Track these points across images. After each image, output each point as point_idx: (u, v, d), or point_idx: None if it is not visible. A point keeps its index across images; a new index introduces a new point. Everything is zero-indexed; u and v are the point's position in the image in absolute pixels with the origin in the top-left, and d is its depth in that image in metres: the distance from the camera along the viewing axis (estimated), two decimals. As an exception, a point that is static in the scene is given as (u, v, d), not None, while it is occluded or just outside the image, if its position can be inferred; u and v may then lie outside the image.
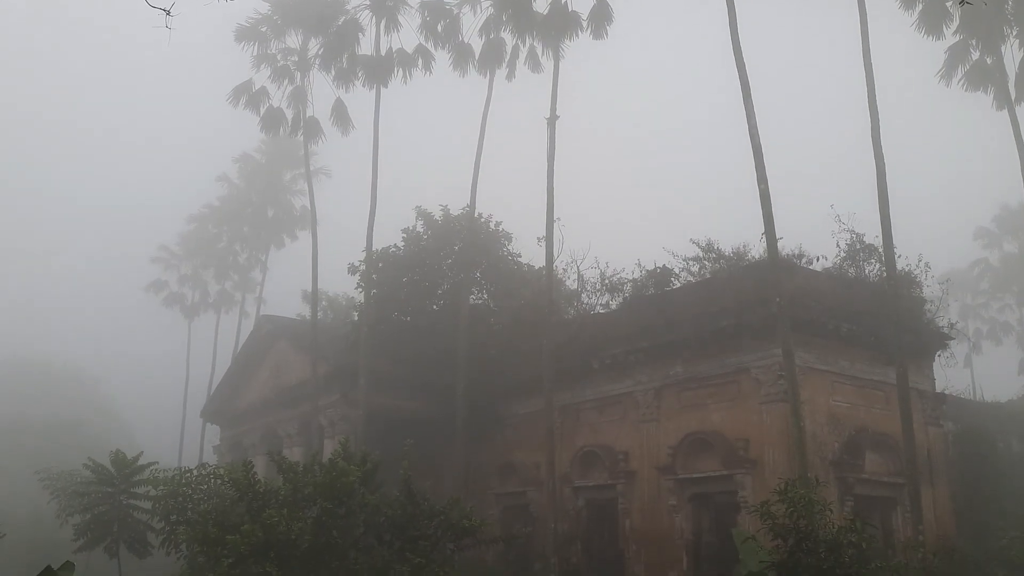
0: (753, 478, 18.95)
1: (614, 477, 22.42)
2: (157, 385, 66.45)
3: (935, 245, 28.57)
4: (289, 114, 30.49)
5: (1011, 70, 24.57)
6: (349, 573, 13.79)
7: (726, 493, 19.78)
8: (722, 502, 20.21)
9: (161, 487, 22.73)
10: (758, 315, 19.22)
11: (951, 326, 22.48)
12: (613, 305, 24.77)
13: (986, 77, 24.84)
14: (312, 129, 30.56)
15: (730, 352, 20.14)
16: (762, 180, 18.57)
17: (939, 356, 22.25)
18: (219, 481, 21.49)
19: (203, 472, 23.02)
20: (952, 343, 22.61)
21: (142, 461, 24.92)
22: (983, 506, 22.48)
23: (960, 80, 25.10)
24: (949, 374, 23.27)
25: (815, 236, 22.30)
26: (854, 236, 21.40)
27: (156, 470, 24.46)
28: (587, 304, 25.78)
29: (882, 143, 19.65)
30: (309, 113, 30.35)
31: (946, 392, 23.00)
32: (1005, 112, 24.21)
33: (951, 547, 17.90)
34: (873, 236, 20.63)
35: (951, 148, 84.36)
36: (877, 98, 19.95)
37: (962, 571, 18.65)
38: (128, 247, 76.62)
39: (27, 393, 61.22)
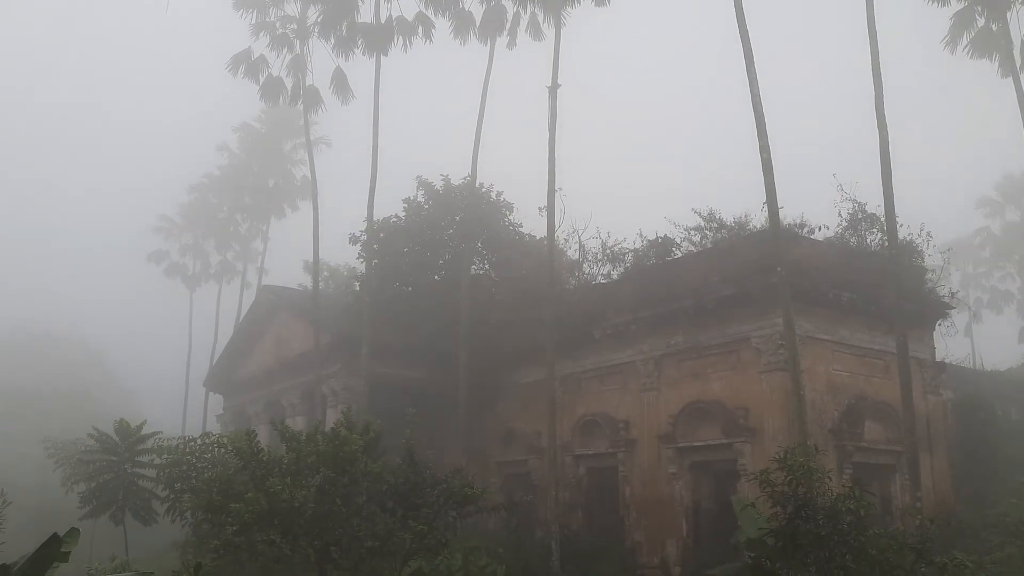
0: (753, 446, 19.08)
1: (615, 445, 22.59)
2: (160, 355, 66.78)
3: (937, 214, 28.48)
4: (288, 83, 30.30)
5: (1016, 37, 24.35)
6: (352, 540, 13.93)
7: (726, 461, 19.94)
8: (722, 470, 20.38)
9: (165, 456, 22.96)
10: (759, 284, 19.24)
11: (952, 295, 22.50)
12: (615, 275, 24.77)
13: (991, 44, 24.63)
14: (312, 98, 30.37)
15: (731, 321, 20.18)
16: (764, 149, 18.49)
17: (939, 325, 22.30)
18: (223, 450, 21.71)
19: (207, 441, 23.26)
20: (953, 312, 22.64)
21: (146, 430, 25.15)
22: (981, 473, 22.67)
23: (965, 47, 24.89)
24: (949, 343, 23.35)
25: (817, 206, 22.25)
26: (856, 205, 21.34)
27: (160, 439, 24.68)
28: (588, 274, 25.79)
29: (885, 112, 19.54)
30: (309, 82, 30.17)
31: (946, 361, 23.07)
32: (1010, 79, 24.04)
33: (949, 514, 18.06)
34: (875, 205, 20.61)
35: (955, 116, 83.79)
36: (881, 66, 19.80)
37: (959, 537, 18.83)
38: (130, 217, 76.68)
39: (30, 363, 61.51)
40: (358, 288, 29.30)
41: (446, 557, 18.31)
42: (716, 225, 22.62)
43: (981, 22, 24.55)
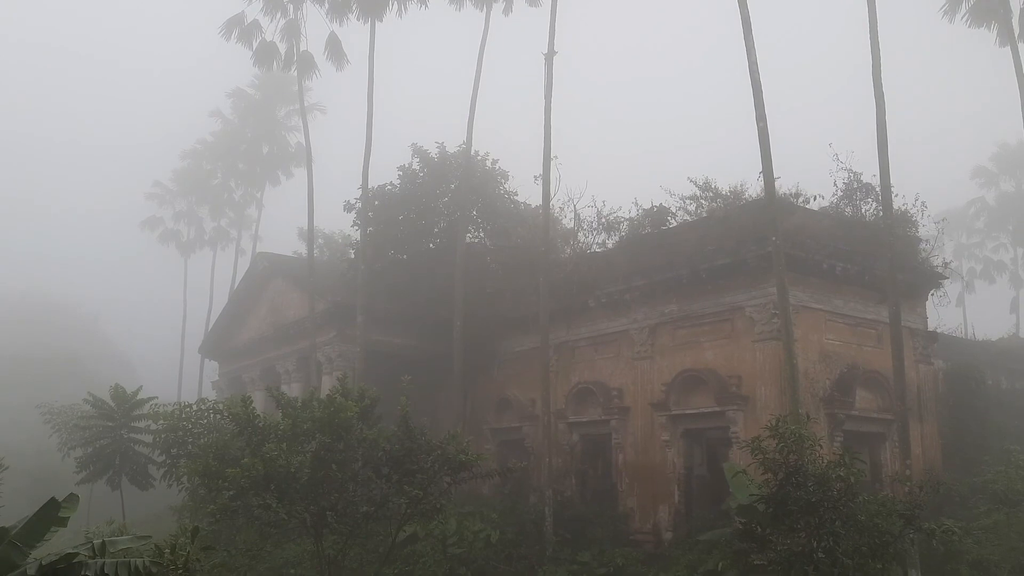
0: (745, 414, 19.25)
1: (608, 413, 22.76)
2: (155, 321, 66.77)
3: (933, 184, 28.52)
4: (282, 48, 30.01)
5: (1015, 5, 24.18)
6: (348, 505, 14.07)
7: (718, 429, 20.12)
8: (714, 438, 20.57)
9: (161, 421, 23.07)
10: (754, 254, 19.28)
11: (945, 265, 22.56)
12: (610, 244, 24.78)
13: (990, 13, 24.46)
14: (306, 64, 30.10)
15: (725, 290, 20.26)
16: (761, 118, 18.39)
17: (932, 295, 22.39)
18: (219, 416, 21.80)
19: (203, 407, 23.36)
20: (945, 282, 22.71)
21: (141, 396, 25.23)
22: (971, 441, 22.89)
23: (963, 16, 24.73)
24: (941, 313, 23.53)
25: (813, 175, 22.23)
26: (852, 175, 21.31)
27: (156, 405, 24.78)
28: (583, 243, 25.76)
29: (883, 81, 19.42)
30: (303, 47, 29.90)
31: (938, 331, 23.20)
32: (1008, 49, 23.91)
33: (937, 481, 18.21)
34: (871, 175, 20.56)
35: (952, 86, 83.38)
36: (879, 36, 19.64)
37: (948, 504, 19.08)
38: (124, 183, 76.23)
39: (25, 328, 61.46)
40: (353, 256, 29.27)
41: (441, 522, 18.55)
42: (712, 194, 22.58)
43: (981, -10, 24.37)
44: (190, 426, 22.55)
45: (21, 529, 8.72)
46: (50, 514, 8.84)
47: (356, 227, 28.57)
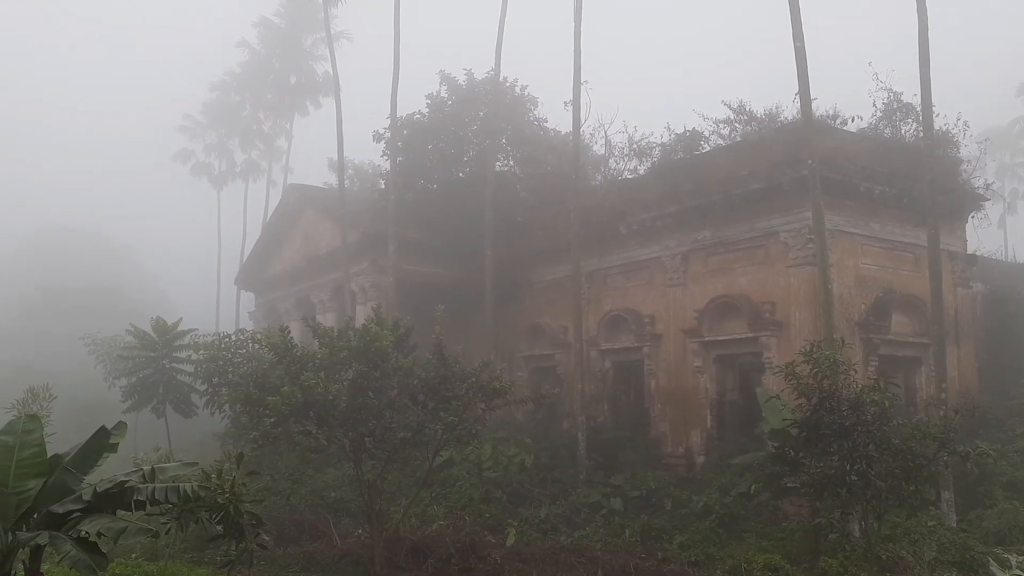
0: (779, 340, 19.22)
1: (640, 340, 22.84)
2: (190, 253, 67.65)
3: (976, 104, 27.61)
4: (307, -26, 29.53)
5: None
6: (385, 431, 14.36)
7: (751, 355, 20.14)
8: (747, 363, 20.61)
9: (202, 352, 23.53)
10: (789, 178, 18.97)
11: (987, 186, 21.99)
12: (641, 170, 24.45)
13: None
14: (331, -11, 29.62)
15: (759, 216, 20.02)
16: (798, 37, 17.86)
17: (972, 217, 21.94)
18: (257, 346, 22.15)
19: (241, 337, 23.76)
20: (986, 203, 22.21)
21: (181, 327, 25.74)
22: (1008, 364, 22.70)
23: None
24: (982, 235, 22.98)
25: (851, 98, 21.65)
26: (891, 94, 20.70)
27: (196, 336, 25.27)
28: (614, 169, 25.45)
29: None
30: (328, -28, 29.38)
31: (977, 253, 22.80)
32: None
33: (973, 404, 18.18)
34: (911, 95, 19.97)
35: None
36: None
37: (983, 427, 19.05)
38: (156, 116, 76.29)
39: (62, 261, 62.55)
40: (383, 186, 29.24)
41: (476, 447, 18.94)
42: (746, 118, 22.09)
43: None
44: (230, 356, 22.97)
45: (75, 456, 9.01)
46: (101, 441, 9.11)
47: (386, 157, 28.47)
